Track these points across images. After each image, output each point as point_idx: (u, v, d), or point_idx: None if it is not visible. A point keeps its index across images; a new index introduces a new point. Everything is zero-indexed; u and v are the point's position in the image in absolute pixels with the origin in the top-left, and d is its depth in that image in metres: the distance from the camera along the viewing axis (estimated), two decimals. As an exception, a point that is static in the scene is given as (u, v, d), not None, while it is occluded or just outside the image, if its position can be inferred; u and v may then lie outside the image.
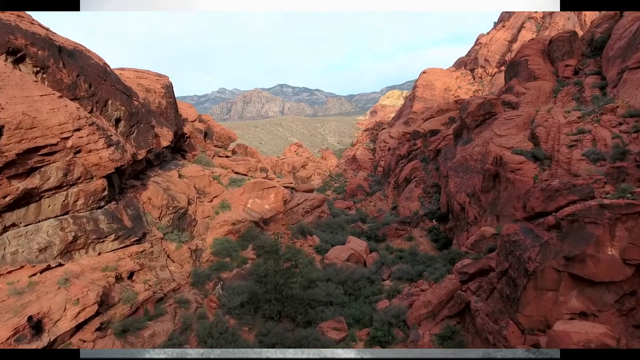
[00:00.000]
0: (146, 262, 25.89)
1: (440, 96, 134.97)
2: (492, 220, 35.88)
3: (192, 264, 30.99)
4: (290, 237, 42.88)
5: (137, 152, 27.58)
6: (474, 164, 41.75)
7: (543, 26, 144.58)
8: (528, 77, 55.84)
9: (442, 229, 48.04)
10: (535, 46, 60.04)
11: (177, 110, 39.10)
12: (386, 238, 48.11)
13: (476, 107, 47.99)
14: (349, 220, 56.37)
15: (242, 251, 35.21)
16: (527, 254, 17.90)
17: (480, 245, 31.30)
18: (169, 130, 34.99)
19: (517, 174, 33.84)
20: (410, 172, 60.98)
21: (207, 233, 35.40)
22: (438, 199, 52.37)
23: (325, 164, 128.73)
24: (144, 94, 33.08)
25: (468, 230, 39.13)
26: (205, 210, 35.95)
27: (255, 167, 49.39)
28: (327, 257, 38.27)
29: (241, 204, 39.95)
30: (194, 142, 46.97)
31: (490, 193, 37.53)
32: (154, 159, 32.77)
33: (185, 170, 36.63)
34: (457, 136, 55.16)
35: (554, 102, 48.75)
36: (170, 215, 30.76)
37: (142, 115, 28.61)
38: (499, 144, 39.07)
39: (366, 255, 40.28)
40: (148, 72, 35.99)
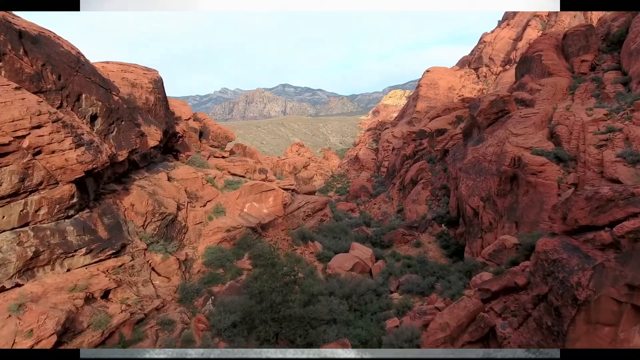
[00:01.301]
0: (125, 278, 22.55)
1: (444, 95, 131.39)
2: (509, 227, 32.43)
3: (181, 277, 27.63)
4: (290, 244, 39.53)
5: (117, 152, 24.26)
6: (487, 166, 38.28)
7: (549, 24, 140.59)
8: (542, 74, 52.30)
9: (452, 234, 44.62)
10: (548, 41, 56.47)
11: (167, 107, 35.77)
12: (392, 244, 44.71)
13: (488, 104, 44.51)
14: (352, 224, 52.99)
15: (236, 261, 31.84)
16: (575, 278, 14.47)
17: (499, 256, 27.85)
18: (158, 129, 31.66)
19: (539, 176, 30.37)
20: (416, 173, 57.53)
21: (199, 241, 32.05)
22: (447, 202, 48.93)
23: (327, 164, 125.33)
24: (128, 89, 29.77)
25: (482, 238, 35.69)
26: (197, 216, 32.61)
27: (254, 168, 46.03)
28: (329, 266, 34.91)
29: (237, 209, 36.59)
30: (188, 142, 43.64)
31: (507, 197, 34.06)
32: (140, 160, 29.45)
33: (175, 173, 33.29)
34: (467, 135, 51.68)
35: (571, 99, 45.25)
36: (157, 223, 27.41)
37: (124, 111, 25.28)
38: (516, 144, 35.59)
39: (372, 263, 36.89)
40: (135, 65, 32.69)
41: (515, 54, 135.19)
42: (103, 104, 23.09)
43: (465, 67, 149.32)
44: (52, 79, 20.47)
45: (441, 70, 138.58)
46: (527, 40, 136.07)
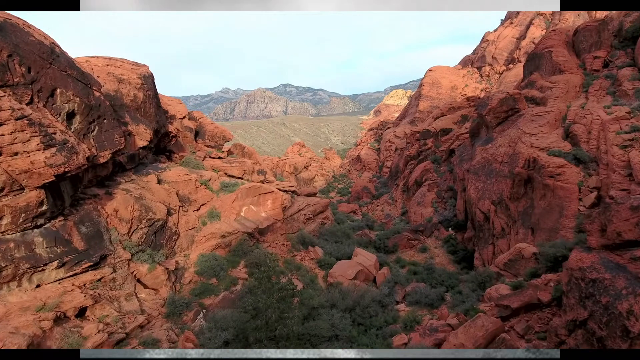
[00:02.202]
0: (105, 293, 20.18)
1: (447, 95, 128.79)
2: (524, 233, 29.96)
3: (170, 288, 25.28)
4: (289, 250, 37.14)
5: (98, 153, 21.88)
6: (498, 167, 35.80)
7: (552, 23, 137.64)
8: (552, 71, 49.75)
9: (459, 238, 42.16)
10: (558, 37, 53.90)
11: (159, 105, 33.38)
12: (397, 249, 42.26)
13: (498, 102, 42.01)
14: (354, 227, 50.57)
15: (231, 269, 29.47)
16: (625, 304, 12.04)
17: (516, 266, 25.40)
18: (147, 128, 29.28)
19: (557, 179, 27.87)
20: (421, 174, 55.05)
21: (192, 248, 29.69)
22: (454, 205, 46.46)
23: (328, 164, 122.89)
24: (115, 85, 27.40)
25: (494, 244, 33.23)
26: (189, 221, 30.23)
27: (252, 169, 43.62)
28: (331, 274, 32.48)
29: (233, 213, 34.22)
30: (182, 142, 41.28)
31: (522, 201, 31.59)
32: (127, 161, 27.08)
33: (166, 175, 30.90)
34: (474, 135, 49.19)
35: (585, 97, 42.70)
36: (144, 230, 25.02)
37: (107, 109, 22.91)
38: (530, 144, 33.10)
39: (376, 271, 34.45)
40: (123, 60, 30.30)
41: (519, 52, 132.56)
42: (81, 100, 20.70)
43: (468, 66, 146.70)
44: (21, 71, 18.11)
45: (444, 70, 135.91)
46: (531, 38, 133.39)
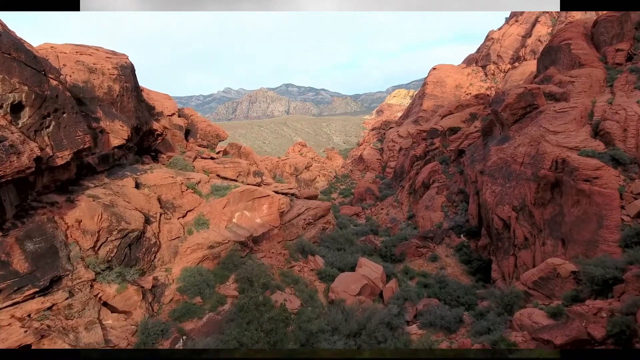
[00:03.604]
0: (57, 324, 16.35)
1: (451, 93, 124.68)
2: (553, 245, 25.99)
3: (146, 310, 21.44)
4: (287, 259, 33.22)
5: (54, 154, 18.05)
6: (519, 169, 31.82)
7: (559, 20, 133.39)
8: (571, 64, 45.66)
9: (472, 246, 38.23)
10: (576, 29, 49.80)
11: (140, 100, 29.54)
12: (405, 257, 38.34)
13: (515, 98, 37.98)
14: (358, 232, 46.67)
15: (219, 285, 25.59)
16: None
17: (549, 285, 21.43)
18: (124, 125, 25.44)
19: (594, 184, 23.87)
20: (428, 175, 51.08)
21: (175, 261, 25.83)
22: (465, 209, 42.50)
23: (330, 164, 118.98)
24: (84, 75, 23.58)
25: (515, 255, 29.26)
26: (173, 230, 26.38)
27: (247, 170, 39.71)
28: (333, 289, 28.57)
29: (224, 219, 30.35)
30: (171, 141, 37.44)
31: (548, 207, 27.61)
32: (98, 163, 23.25)
33: (147, 178, 27.04)
34: (487, 134, 45.19)
35: (610, 91, 38.61)
36: (114, 243, 21.18)
37: (68, 101, 19.09)
38: (556, 143, 29.12)
39: (382, 284, 30.56)
40: (97, 48, 26.49)
41: (525, 50, 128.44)
42: (31, 90, 16.88)
43: (472, 65, 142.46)
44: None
45: (448, 68, 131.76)
46: (537, 36, 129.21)
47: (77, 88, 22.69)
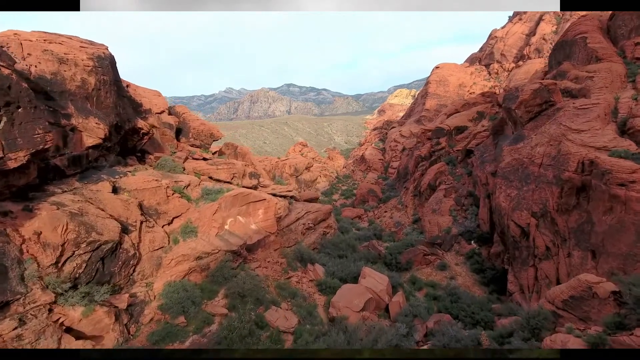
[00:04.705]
0: None
1: (455, 93, 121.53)
2: (581, 257, 22.95)
3: (120, 333, 18.53)
4: (284, 269, 30.27)
5: (5, 155, 15.18)
6: (538, 171, 28.79)
7: (564, 18, 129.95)
8: (587, 59, 42.59)
9: (484, 254, 35.21)
10: (591, 22, 46.71)
11: (122, 95, 26.58)
12: (411, 266, 35.34)
13: (531, 94, 34.93)
14: (361, 237, 43.69)
15: (207, 302, 22.65)
16: None
17: (584, 307, 18.40)
18: (101, 122, 22.52)
19: (631, 188, 20.81)
20: (434, 176, 48.04)
21: (157, 274, 22.90)
22: (475, 213, 39.43)
23: (332, 165, 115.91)
24: (53, 66, 20.66)
25: (536, 266, 26.22)
26: (156, 240, 23.44)
27: (243, 172, 36.80)
28: (334, 304, 25.60)
29: (214, 226, 27.40)
30: (160, 141, 34.52)
31: (573, 214, 24.57)
32: (68, 165, 20.35)
33: (127, 181, 24.10)
34: (497, 133, 42.20)
35: (632, 87, 35.58)
36: (83, 257, 18.26)
37: (24, 93, 16.19)
38: (581, 143, 26.07)
39: (388, 297, 27.59)
40: (70, 36, 23.52)
41: (529, 49, 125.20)
42: (-27, 79, 13.99)
43: (475, 63, 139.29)
44: None
45: (451, 67, 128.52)
46: (541, 35, 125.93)
47: (43, 80, 19.78)
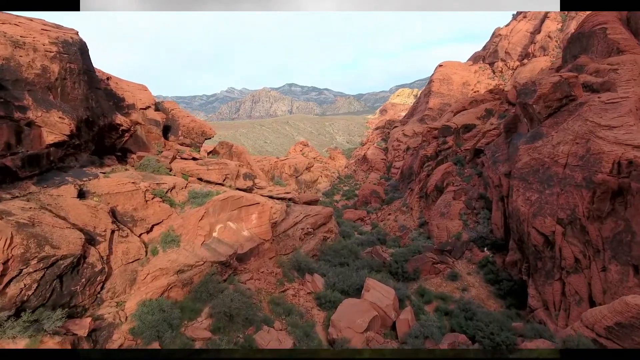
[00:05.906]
0: None
1: (459, 91, 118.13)
2: (620, 271, 19.66)
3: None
4: (279, 280, 26.99)
5: None
6: (562, 172, 25.48)
7: (569, 16, 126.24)
8: (607, 51, 39.25)
9: (498, 262, 31.92)
10: (609, 13, 43.39)
11: (94, 86, 23.40)
12: (419, 275, 32.08)
13: (551, 88, 31.60)
14: (363, 241, 40.42)
15: (187, 323, 19.45)
16: None
17: (633, 335, 15.20)
18: (66, 116, 19.37)
19: (684, 194, 17.55)
20: (441, 177, 44.76)
21: (131, 291, 19.73)
22: (487, 217, 36.14)
23: (333, 165, 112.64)
24: (6, 50, 17.53)
25: (563, 280, 22.92)
26: (130, 251, 20.27)
27: (236, 172, 33.62)
28: (334, 323, 22.35)
29: (200, 234, 24.19)
30: (145, 139, 31.42)
31: (608, 222, 21.28)
32: (22, 166, 17.20)
33: (98, 184, 20.97)
34: (510, 131, 38.87)
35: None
36: (33, 275, 15.12)
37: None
38: (614, 140, 22.77)
39: (395, 313, 24.34)
40: (30, 18, 20.43)
41: (534, 47, 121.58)
42: None
43: (479, 62, 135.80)
44: None
45: (455, 65, 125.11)
46: (547, 32, 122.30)
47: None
